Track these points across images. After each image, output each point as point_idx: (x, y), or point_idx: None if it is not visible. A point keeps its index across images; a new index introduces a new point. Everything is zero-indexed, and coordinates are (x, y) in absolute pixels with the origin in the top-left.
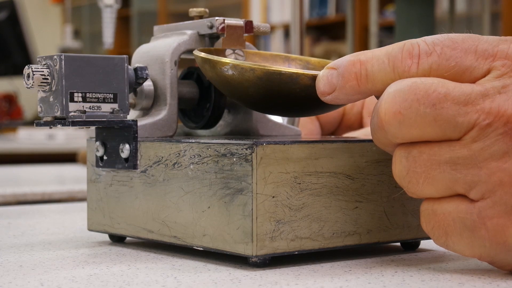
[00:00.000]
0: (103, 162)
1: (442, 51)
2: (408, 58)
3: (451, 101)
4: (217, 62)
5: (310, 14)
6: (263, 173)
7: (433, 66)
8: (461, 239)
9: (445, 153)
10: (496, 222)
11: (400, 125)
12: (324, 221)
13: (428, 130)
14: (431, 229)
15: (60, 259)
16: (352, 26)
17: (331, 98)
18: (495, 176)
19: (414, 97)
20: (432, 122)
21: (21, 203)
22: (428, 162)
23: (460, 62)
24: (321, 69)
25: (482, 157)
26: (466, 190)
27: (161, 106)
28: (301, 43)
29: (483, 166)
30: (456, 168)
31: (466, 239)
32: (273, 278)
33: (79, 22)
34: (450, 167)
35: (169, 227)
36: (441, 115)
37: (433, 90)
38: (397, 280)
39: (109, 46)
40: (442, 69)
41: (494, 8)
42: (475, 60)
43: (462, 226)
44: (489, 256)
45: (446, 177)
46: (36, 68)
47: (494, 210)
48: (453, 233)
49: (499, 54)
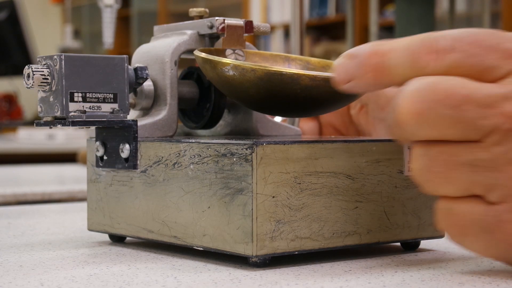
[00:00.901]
0: (103, 162)
1: (463, 48)
2: (428, 54)
3: (473, 104)
4: (218, 62)
5: (310, 14)
6: (263, 173)
7: (453, 64)
8: (476, 240)
9: (465, 154)
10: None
11: (419, 126)
12: (324, 221)
13: (447, 131)
14: (446, 227)
15: (60, 259)
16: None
17: (348, 87)
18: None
19: (434, 97)
20: (452, 124)
21: (21, 203)
22: (447, 162)
23: (481, 61)
24: (321, 69)
25: (503, 160)
26: (485, 192)
27: (161, 106)
28: (301, 43)
29: (504, 170)
30: (475, 170)
31: (482, 241)
32: (273, 278)
33: (79, 22)
34: (470, 168)
35: (169, 227)
36: (462, 117)
37: (454, 92)
38: (397, 280)
39: (109, 46)
40: (463, 67)
41: (494, 8)
42: (497, 59)
43: (478, 228)
44: (504, 258)
45: (465, 178)
46: (36, 68)
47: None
48: (469, 233)
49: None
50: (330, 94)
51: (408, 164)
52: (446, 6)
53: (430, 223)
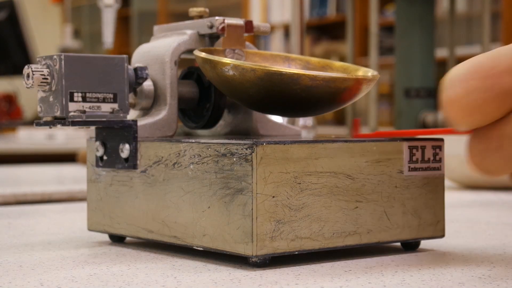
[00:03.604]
0: (103, 162)
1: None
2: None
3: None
4: (218, 62)
5: (310, 14)
6: (263, 173)
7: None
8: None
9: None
10: None
11: (461, 113)
12: (324, 221)
13: (488, 108)
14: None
15: (60, 259)
16: (352, 26)
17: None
18: None
19: (465, 78)
20: (490, 98)
21: (21, 203)
22: (499, 145)
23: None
24: (321, 69)
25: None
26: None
27: (161, 106)
28: (301, 43)
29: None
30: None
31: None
32: (273, 278)
33: (79, 22)
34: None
35: (169, 227)
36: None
37: (481, 64)
38: (397, 280)
39: (109, 46)
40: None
41: (494, 8)
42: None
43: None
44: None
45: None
46: (36, 68)
47: None
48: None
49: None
50: (330, 94)
51: (408, 164)
52: (446, 6)
53: (430, 223)
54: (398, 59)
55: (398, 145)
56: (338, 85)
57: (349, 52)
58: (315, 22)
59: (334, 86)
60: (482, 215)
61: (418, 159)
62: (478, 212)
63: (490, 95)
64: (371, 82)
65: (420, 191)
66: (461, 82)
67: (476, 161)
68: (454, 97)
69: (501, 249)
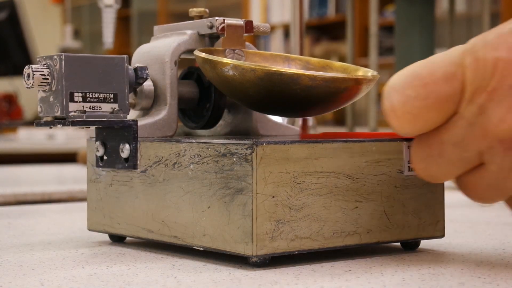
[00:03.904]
0: (103, 162)
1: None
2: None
3: (436, 79)
4: (218, 62)
5: (310, 14)
6: (263, 173)
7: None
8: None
9: (446, 134)
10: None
11: (400, 122)
12: (324, 221)
13: (429, 116)
14: (469, 196)
15: (60, 259)
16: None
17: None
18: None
19: (403, 86)
20: (428, 105)
21: (21, 203)
22: (439, 151)
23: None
24: (321, 69)
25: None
26: (481, 160)
27: (161, 106)
28: (301, 43)
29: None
30: (460, 146)
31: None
32: (273, 278)
33: (79, 22)
34: (455, 148)
35: (169, 227)
36: (432, 93)
37: (416, 73)
38: (397, 280)
39: (109, 46)
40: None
41: (494, 8)
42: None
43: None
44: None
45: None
46: (36, 68)
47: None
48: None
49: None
50: (330, 94)
51: (408, 164)
52: (446, 6)
53: (430, 223)
54: (398, 59)
55: (398, 145)
56: (338, 85)
57: (349, 52)
58: (315, 22)
59: (334, 86)
60: (482, 215)
61: None
62: (478, 212)
63: (428, 102)
64: (371, 82)
65: (420, 191)
66: (398, 91)
67: (420, 167)
68: (393, 106)
69: (501, 249)
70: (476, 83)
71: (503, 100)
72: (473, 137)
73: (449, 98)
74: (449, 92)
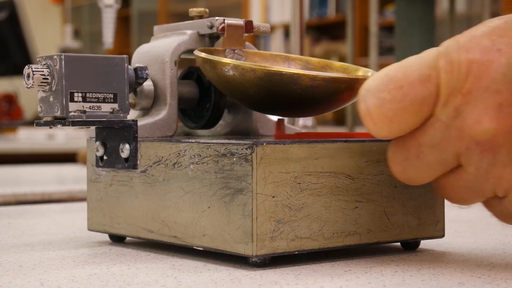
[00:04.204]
0: (103, 162)
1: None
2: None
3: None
4: (218, 62)
5: (310, 14)
6: (263, 173)
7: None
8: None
9: (422, 137)
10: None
11: (376, 125)
12: (324, 221)
13: (405, 118)
14: (446, 197)
15: (60, 259)
16: (352, 26)
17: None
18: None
19: (378, 89)
20: (403, 108)
21: (21, 203)
22: (416, 153)
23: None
24: (321, 69)
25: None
26: (459, 162)
27: (161, 106)
28: (301, 43)
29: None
30: (437, 148)
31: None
32: (273, 278)
33: (79, 22)
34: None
35: (169, 227)
36: (407, 96)
37: (391, 77)
38: (397, 280)
39: (109, 46)
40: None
41: (494, 8)
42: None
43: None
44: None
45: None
46: (36, 68)
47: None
48: (463, 196)
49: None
50: (330, 94)
51: None
52: (446, 6)
53: (430, 223)
54: (398, 59)
55: None
56: (338, 85)
57: (349, 52)
58: (315, 22)
59: (334, 86)
60: (482, 215)
61: None
62: (478, 212)
63: (403, 105)
64: None
65: (420, 191)
66: (374, 94)
67: (397, 170)
68: (369, 109)
69: (501, 249)
70: (451, 85)
71: (478, 102)
72: (450, 139)
73: (425, 101)
74: (424, 94)
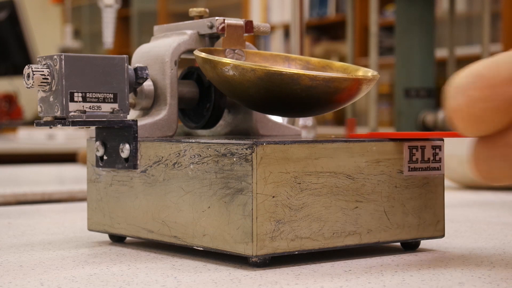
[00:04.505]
0: (103, 162)
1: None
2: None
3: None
4: (218, 62)
5: (310, 14)
6: (263, 173)
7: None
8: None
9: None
10: None
11: (465, 122)
12: (324, 221)
13: (494, 118)
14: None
15: (60, 259)
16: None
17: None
18: None
19: (468, 87)
20: (494, 108)
21: (21, 203)
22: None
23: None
24: (321, 69)
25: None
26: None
27: (161, 106)
28: (301, 43)
29: None
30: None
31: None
32: (273, 278)
33: (79, 22)
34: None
35: (169, 227)
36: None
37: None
38: (397, 280)
39: (109, 46)
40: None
41: (494, 8)
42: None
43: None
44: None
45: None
46: (36, 68)
47: None
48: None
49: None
50: (330, 94)
51: (408, 164)
52: (446, 6)
53: (430, 223)
54: (398, 59)
55: (398, 145)
56: (338, 85)
57: (349, 52)
58: (315, 22)
59: (334, 86)
60: (482, 215)
61: (418, 159)
62: (478, 212)
63: (492, 105)
64: (371, 82)
65: (420, 191)
66: (462, 92)
67: (481, 168)
68: (457, 107)
69: (501, 249)
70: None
71: None
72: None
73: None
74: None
